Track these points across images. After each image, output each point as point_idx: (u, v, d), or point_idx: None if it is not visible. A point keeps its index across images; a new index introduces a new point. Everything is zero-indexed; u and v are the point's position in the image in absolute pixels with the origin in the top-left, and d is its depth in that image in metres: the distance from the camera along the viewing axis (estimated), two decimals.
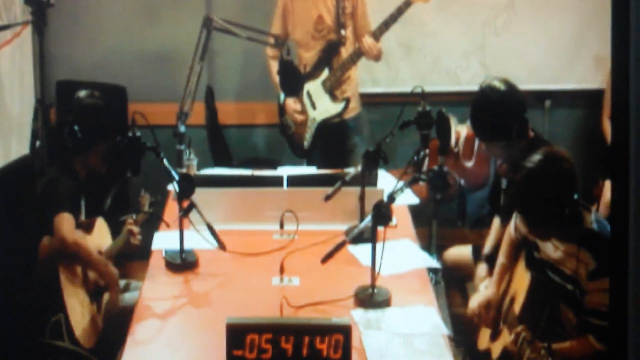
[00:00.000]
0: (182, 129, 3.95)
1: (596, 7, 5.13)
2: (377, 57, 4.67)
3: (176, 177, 3.31)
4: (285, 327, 2.52)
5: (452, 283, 3.99)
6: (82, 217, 3.59)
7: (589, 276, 2.89)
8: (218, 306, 3.11)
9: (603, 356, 2.83)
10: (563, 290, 3.00)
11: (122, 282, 3.73)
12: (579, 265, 2.92)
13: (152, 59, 5.31)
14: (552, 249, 3.06)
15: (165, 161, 3.31)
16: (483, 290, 3.47)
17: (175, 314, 3.05)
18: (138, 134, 3.32)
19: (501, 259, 3.40)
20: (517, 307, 3.14)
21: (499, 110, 3.51)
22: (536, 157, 2.93)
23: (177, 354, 2.81)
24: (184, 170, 3.96)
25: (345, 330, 2.50)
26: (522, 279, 3.18)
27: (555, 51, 5.27)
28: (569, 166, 2.91)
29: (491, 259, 3.62)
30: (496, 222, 3.84)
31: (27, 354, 3.19)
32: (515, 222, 3.32)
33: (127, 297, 3.56)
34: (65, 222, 3.30)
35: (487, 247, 3.76)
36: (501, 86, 3.52)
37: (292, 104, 4.77)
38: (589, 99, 5.30)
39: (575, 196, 2.90)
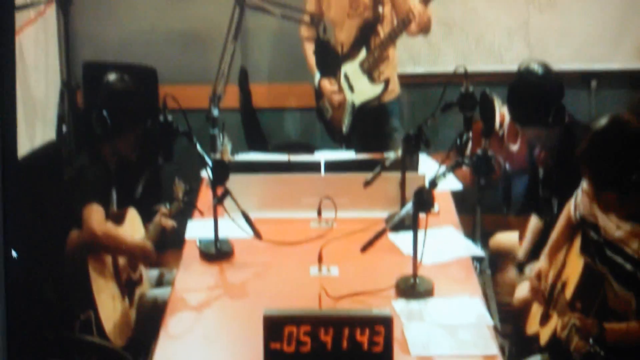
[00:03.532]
0: (215, 112, 3.89)
1: None
2: (426, 26, 4.51)
3: (210, 162, 3.27)
4: (324, 319, 2.47)
5: (498, 269, 3.96)
6: (114, 207, 3.55)
7: None
8: (254, 297, 3.07)
9: None
10: (622, 270, 2.94)
11: (155, 273, 3.74)
12: None
13: (183, 39, 5.27)
14: (614, 228, 2.99)
15: (198, 146, 3.27)
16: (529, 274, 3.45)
17: (210, 306, 3.02)
18: (169, 118, 3.27)
19: (555, 235, 3.34)
20: (568, 293, 3.08)
21: (537, 94, 3.55)
22: (603, 120, 2.92)
23: (212, 347, 2.77)
24: (217, 156, 3.90)
25: (386, 322, 2.45)
26: (575, 265, 3.12)
27: (600, 30, 5.20)
28: (636, 129, 2.89)
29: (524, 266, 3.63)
30: (533, 222, 3.80)
31: (56, 349, 3.16)
32: (575, 201, 3.25)
33: (160, 292, 3.51)
34: (95, 214, 3.25)
35: (522, 252, 3.73)
36: (539, 70, 3.57)
37: (328, 85, 4.69)
38: (636, 79, 5.23)
39: None
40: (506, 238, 4.01)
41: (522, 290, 3.44)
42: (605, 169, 2.88)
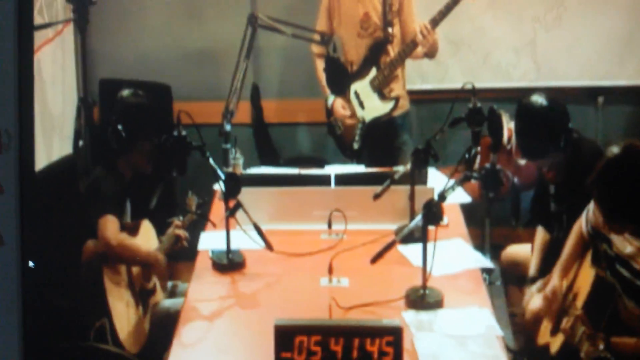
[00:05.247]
0: (227, 127, 3.94)
1: None
2: (432, 49, 4.53)
3: (222, 176, 3.28)
4: (334, 329, 2.47)
5: (510, 282, 3.95)
6: (128, 218, 3.57)
7: None
8: (266, 307, 3.08)
9: None
10: (631, 286, 2.94)
11: (169, 284, 3.75)
12: None
13: (197, 57, 5.30)
14: (625, 244, 2.99)
15: (211, 160, 3.29)
16: (535, 291, 3.44)
17: (222, 316, 3.02)
18: (183, 133, 3.29)
19: (567, 252, 3.33)
20: (579, 304, 3.09)
21: (544, 128, 3.52)
22: (616, 148, 2.91)
23: (224, 357, 2.78)
24: (230, 170, 3.94)
25: (396, 332, 2.45)
26: (587, 275, 3.12)
27: (607, 47, 5.20)
28: None
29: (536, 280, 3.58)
30: (540, 236, 3.78)
31: (71, 357, 3.17)
32: (587, 215, 3.25)
33: (173, 301, 3.52)
34: (110, 225, 3.28)
35: (533, 269, 3.70)
36: (541, 101, 3.53)
37: (340, 109, 4.69)
38: None
39: None
40: (519, 250, 3.99)
41: (535, 304, 3.42)
42: (616, 199, 2.87)
